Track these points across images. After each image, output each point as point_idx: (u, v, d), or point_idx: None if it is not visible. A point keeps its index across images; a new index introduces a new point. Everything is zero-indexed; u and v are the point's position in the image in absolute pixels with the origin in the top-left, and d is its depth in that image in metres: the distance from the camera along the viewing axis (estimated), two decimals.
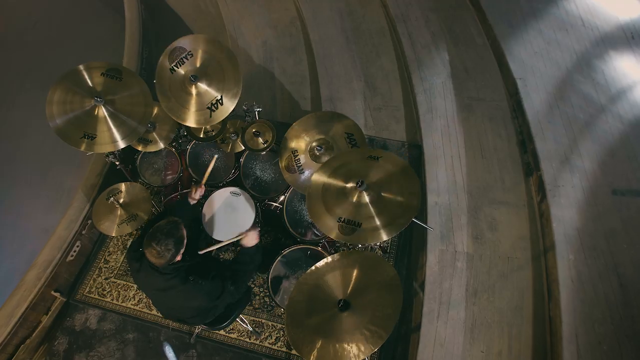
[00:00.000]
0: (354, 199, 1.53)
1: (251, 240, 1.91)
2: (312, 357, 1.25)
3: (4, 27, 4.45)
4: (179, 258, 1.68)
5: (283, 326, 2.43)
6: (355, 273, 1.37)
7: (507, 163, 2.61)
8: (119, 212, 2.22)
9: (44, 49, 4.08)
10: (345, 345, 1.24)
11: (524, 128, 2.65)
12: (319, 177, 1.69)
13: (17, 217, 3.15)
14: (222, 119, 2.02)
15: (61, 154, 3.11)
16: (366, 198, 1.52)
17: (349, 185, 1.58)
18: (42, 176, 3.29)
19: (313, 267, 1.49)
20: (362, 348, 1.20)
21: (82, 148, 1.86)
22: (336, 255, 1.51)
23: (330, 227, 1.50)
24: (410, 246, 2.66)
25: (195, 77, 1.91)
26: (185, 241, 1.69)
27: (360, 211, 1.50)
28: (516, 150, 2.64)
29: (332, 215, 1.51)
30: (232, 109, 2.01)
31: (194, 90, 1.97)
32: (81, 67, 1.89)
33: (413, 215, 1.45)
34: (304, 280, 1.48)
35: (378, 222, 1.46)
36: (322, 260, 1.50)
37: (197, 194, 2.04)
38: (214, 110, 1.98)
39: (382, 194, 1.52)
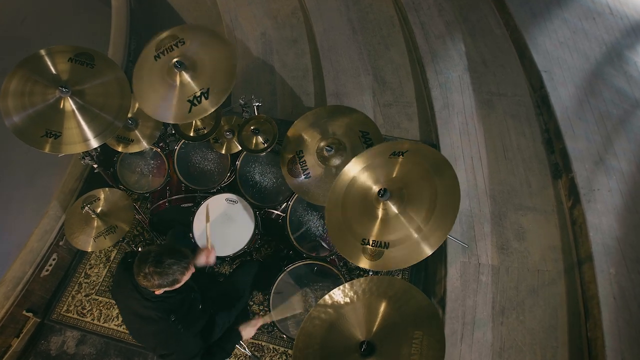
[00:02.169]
0: (380, 212, 1.25)
1: (249, 333, 1.73)
2: None
3: None
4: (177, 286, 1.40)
5: (285, 349, 2.16)
6: (382, 307, 1.09)
7: (533, 164, 2.37)
8: (95, 223, 1.92)
9: (33, 45, 3.80)
10: None
11: (551, 125, 2.41)
12: (339, 188, 1.39)
13: (4, 220, 2.85)
14: (203, 115, 1.70)
15: (50, 155, 2.82)
16: (394, 209, 1.24)
17: (371, 194, 1.30)
18: (30, 179, 3.02)
19: (327, 297, 1.20)
20: None
21: (46, 149, 1.56)
22: (355, 282, 1.22)
23: (356, 253, 1.21)
24: (426, 258, 2.40)
25: (180, 64, 1.62)
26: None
27: (388, 226, 1.21)
28: (542, 150, 2.41)
29: (355, 238, 1.22)
30: (216, 106, 1.70)
31: (177, 80, 1.67)
32: (42, 51, 1.58)
33: (451, 225, 1.18)
34: (315, 315, 1.18)
35: (415, 236, 1.18)
36: (337, 289, 1.21)
37: (209, 258, 1.73)
38: (195, 105, 1.67)
39: (411, 199, 1.24)
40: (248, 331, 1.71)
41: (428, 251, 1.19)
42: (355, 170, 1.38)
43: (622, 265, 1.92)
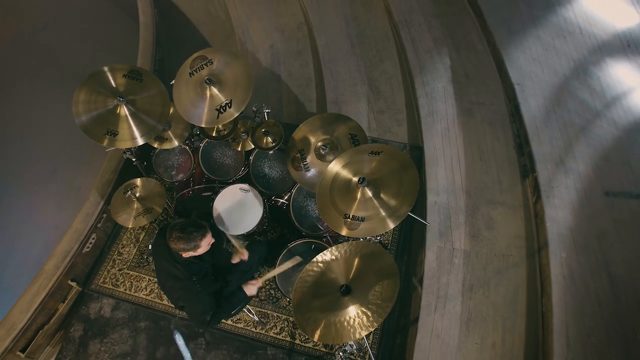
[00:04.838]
0: (358, 195, 1.66)
1: (251, 290, 2.08)
2: (316, 335, 1.40)
3: (15, 28, 4.48)
4: (199, 251, 1.81)
5: (288, 317, 2.55)
6: (356, 261, 1.50)
7: (505, 165, 2.70)
8: (135, 206, 2.36)
9: (55, 50, 4.11)
10: (346, 325, 1.37)
11: (521, 132, 2.74)
12: (329, 175, 1.81)
13: (29, 213, 3.23)
14: (228, 121, 2.14)
15: (70, 153, 3.20)
16: (369, 193, 1.64)
17: (353, 181, 1.71)
18: (52, 174, 3.35)
19: (318, 257, 1.62)
20: (362, 327, 1.33)
21: (105, 143, 2.01)
22: (339, 245, 1.64)
23: (339, 224, 1.63)
24: (410, 244, 2.76)
25: (210, 80, 2.05)
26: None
27: (364, 206, 1.62)
28: (513, 153, 2.74)
29: (339, 213, 1.64)
30: (237, 113, 2.15)
31: (207, 93, 2.10)
32: (105, 68, 2.05)
33: (411, 204, 1.56)
34: (310, 268, 1.61)
35: (383, 214, 1.58)
36: (326, 250, 1.63)
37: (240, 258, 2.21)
38: (222, 113, 2.12)
39: (383, 187, 1.65)
40: (250, 288, 2.07)
41: (391, 225, 1.59)
42: (340, 164, 1.79)
43: (573, 250, 2.24)
